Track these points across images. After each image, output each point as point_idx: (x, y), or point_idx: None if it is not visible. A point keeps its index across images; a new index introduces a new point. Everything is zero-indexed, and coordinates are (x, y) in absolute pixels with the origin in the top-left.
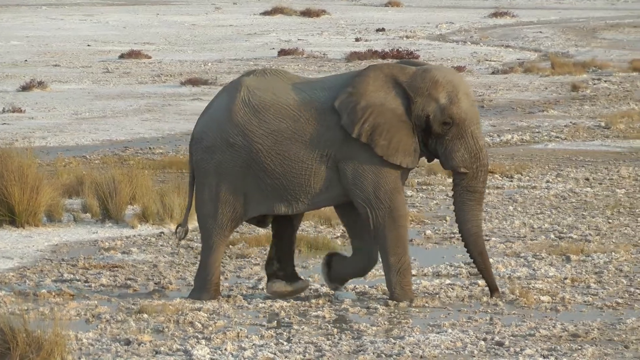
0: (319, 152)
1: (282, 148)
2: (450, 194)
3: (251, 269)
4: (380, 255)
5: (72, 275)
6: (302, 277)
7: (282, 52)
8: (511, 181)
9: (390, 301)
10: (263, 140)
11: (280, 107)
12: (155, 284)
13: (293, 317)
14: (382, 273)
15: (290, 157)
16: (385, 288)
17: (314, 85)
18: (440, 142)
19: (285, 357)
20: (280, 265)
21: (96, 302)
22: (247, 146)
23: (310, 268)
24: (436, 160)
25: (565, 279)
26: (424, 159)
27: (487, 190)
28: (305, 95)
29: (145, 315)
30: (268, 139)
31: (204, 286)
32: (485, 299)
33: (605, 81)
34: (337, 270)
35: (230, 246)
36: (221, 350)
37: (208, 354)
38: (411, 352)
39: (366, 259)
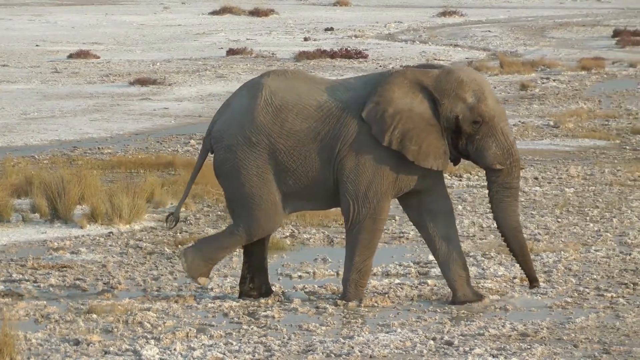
0: (340, 153)
1: (305, 148)
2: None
3: None
4: (346, 250)
5: (21, 276)
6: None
7: (231, 52)
8: (460, 180)
9: (339, 300)
10: (285, 140)
11: (303, 108)
12: (104, 284)
13: (242, 317)
14: (332, 273)
15: (312, 158)
16: (335, 288)
17: (336, 87)
18: (470, 141)
19: (235, 357)
20: (253, 284)
21: (45, 302)
22: (269, 146)
23: None
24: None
25: (515, 278)
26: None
27: None
28: (328, 97)
29: (94, 316)
30: (290, 139)
31: (205, 265)
32: (434, 297)
33: (554, 80)
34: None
35: (179, 245)
36: (170, 351)
37: (157, 354)
38: (360, 351)
39: (459, 255)
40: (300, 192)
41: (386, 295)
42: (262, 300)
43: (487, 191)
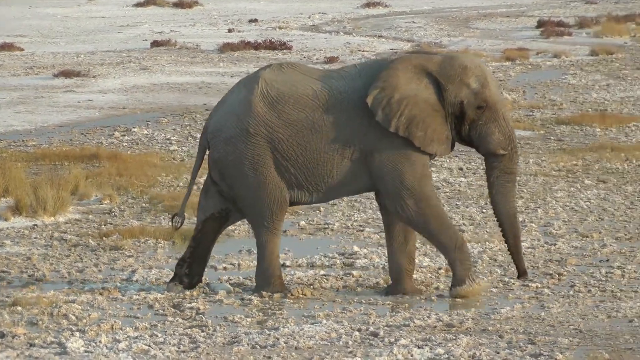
0: (340, 143)
1: (303, 139)
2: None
3: (125, 260)
4: (429, 241)
5: None
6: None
7: (155, 44)
8: None
9: (453, 287)
10: (283, 130)
11: (298, 98)
12: (29, 276)
13: (167, 308)
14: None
15: (311, 148)
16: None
17: (331, 75)
18: (473, 127)
19: (160, 348)
20: (189, 271)
21: None
22: (268, 136)
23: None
24: None
25: (440, 269)
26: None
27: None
28: (323, 85)
29: (19, 308)
30: (288, 129)
31: (268, 280)
32: (359, 289)
33: None
34: None
35: (104, 238)
36: (95, 343)
37: (82, 346)
38: (286, 343)
39: (412, 248)
40: (302, 183)
41: (311, 286)
42: (187, 293)
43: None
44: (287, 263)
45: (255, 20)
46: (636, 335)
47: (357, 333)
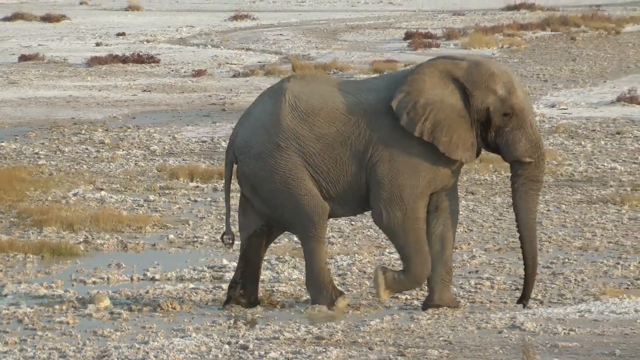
0: (370, 155)
1: (335, 152)
2: None
3: None
4: (398, 252)
5: None
6: (260, 303)
7: (23, 58)
8: None
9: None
10: (314, 144)
11: (329, 111)
12: None
13: (37, 323)
14: (126, 278)
15: (343, 161)
16: (129, 293)
17: (360, 87)
18: (500, 134)
19: None
20: (244, 291)
21: None
22: (299, 150)
23: (53, 274)
24: None
25: None
26: None
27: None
28: (353, 98)
29: None
30: (319, 143)
31: (321, 290)
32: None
33: None
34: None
35: None
36: None
37: None
38: (155, 356)
39: (448, 258)
40: (334, 196)
41: (181, 300)
42: (57, 307)
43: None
44: (157, 277)
45: (123, 34)
46: (505, 346)
47: (227, 346)
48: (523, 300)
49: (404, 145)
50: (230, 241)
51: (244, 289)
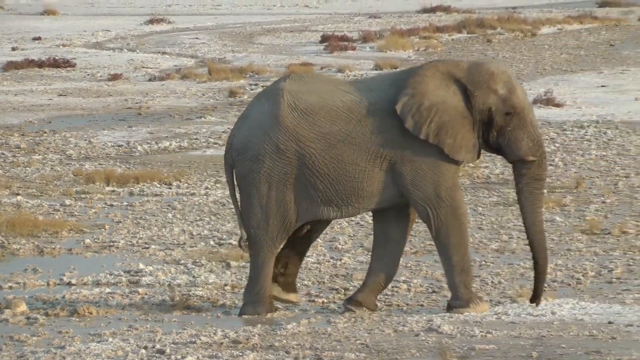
0: (372, 154)
1: (336, 151)
2: None
3: None
4: (440, 254)
5: None
6: (297, 292)
7: None
8: (170, 188)
9: (454, 308)
10: (315, 144)
11: (329, 110)
12: None
13: None
14: (42, 283)
15: (344, 161)
16: (45, 297)
17: (359, 87)
18: (501, 134)
19: None
20: (285, 270)
21: None
22: (299, 151)
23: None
24: None
25: (226, 285)
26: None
27: (146, 198)
28: (353, 97)
29: None
30: (320, 142)
31: (258, 300)
32: (146, 307)
33: (262, 86)
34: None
35: None
36: None
37: None
38: None
39: (392, 268)
40: (332, 197)
41: (97, 304)
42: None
43: (196, 199)
44: (73, 281)
45: (39, 39)
46: (422, 349)
47: (143, 351)
48: (535, 299)
49: (419, 144)
50: (248, 247)
51: (285, 268)
